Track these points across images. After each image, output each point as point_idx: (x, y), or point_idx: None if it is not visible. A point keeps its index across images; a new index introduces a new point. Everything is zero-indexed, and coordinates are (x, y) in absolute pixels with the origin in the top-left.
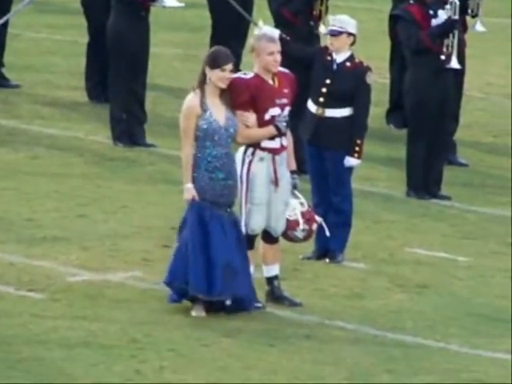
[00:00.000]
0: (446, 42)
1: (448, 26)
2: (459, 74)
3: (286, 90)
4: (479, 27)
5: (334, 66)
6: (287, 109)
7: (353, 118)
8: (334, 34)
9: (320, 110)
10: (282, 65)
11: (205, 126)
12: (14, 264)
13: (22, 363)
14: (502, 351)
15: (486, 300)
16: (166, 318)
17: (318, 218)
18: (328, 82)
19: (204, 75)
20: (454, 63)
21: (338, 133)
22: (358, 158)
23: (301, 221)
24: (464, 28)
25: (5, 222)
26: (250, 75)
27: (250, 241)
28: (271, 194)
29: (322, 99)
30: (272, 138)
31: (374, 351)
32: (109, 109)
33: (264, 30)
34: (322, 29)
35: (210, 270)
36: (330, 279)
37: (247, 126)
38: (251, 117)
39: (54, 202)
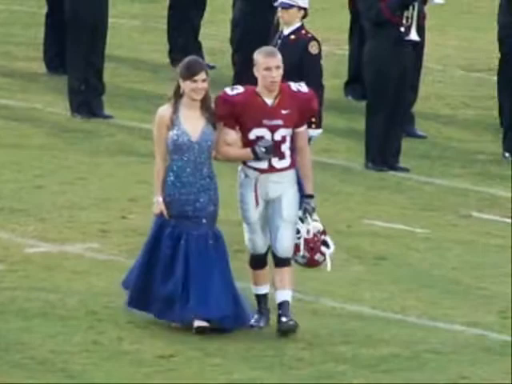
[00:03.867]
0: (405, 13)
1: None
2: (419, 46)
3: (284, 111)
4: (437, 0)
5: (279, 41)
6: (281, 131)
7: None
8: (285, 6)
9: None
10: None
11: (174, 138)
12: None
13: None
14: (459, 323)
15: (443, 272)
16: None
17: (327, 250)
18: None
19: (178, 87)
20: (414, 35)
21: None
22: (317, 127)
23: (302, 247)
24: (424, 0)
25: None
26: (237, 91)
27: (255, 261)
28: (265, 211)
29: None
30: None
31: (332, 323)
32: (67, 80)
33: None
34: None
35: (150, 290)
36: None
37: (228, 143)
38: (231, 134)
39: (12, 173)
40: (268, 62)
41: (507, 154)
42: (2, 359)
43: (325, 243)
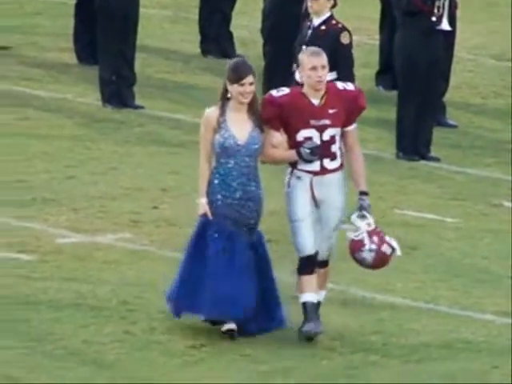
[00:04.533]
0: (437, 3)
1: None
2: (450, 36)
3: (331, 111)
4: None
5: (310, 31)
6: (330, 131)
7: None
8: None
9: None
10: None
11: (220, 141)
12: (3, 225)
13: (11, 324)
14: (490, 312)
15: (474, 261)
16: (156, 280)
17: (393, 243)
18: (304, 48)
19: (225, 89)
20: (445, 25)
21: None
22: None
23: (367, 240)
24: None
25: None
26: (282, 92)
27: (303, 264)
28: (314, 213)
29: None
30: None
31: (363, 312)
32: (98, 70)
33: None
34: None
35: (198, 288)
36: None
37: (274, 146)
38: (277, 136)
39: (44, 163)
40: (313, 62)
41: None
42: (34, 350)
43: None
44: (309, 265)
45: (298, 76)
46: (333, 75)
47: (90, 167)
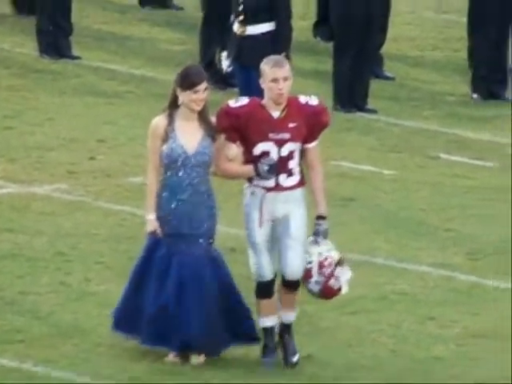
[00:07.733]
0: None
1: None
2: None
3: (292, 125)
4: None
5: None
6: (289, 146)
7: (274, 33)
8: None
9: (241, 29)
10: None
11: (167, 152)
12: None
13: None
14: (426, 264)
15: (410, 213)
16: (93, 231)
17: (342, 275)
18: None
19: (175, 96)
20: None
21: (261, 49)
22: None
23: (314, 271)
24: None
25: None
26: (241, 102)
27: (260, 289)
28: (272, 232)
29: (240, 18)
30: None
31: None
32: (35, 21)
33: None
34: None
35: (139, 314)
36: None
37: (229, 159)
38: (233, 148)
39: None
40: (275, 73)
41: (475, 96)
42: None
43: (341, 271)
44: (265, 290)
45: (235, 27)
46: (271, 26)
47: (26, 118)
